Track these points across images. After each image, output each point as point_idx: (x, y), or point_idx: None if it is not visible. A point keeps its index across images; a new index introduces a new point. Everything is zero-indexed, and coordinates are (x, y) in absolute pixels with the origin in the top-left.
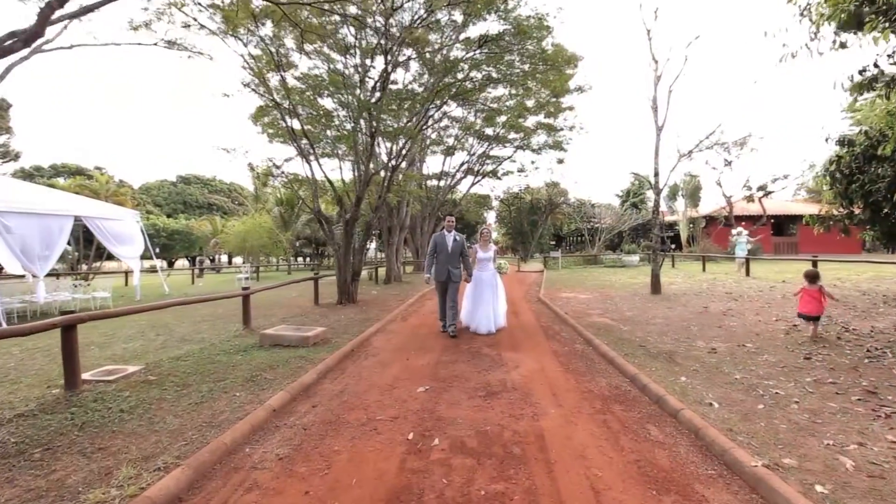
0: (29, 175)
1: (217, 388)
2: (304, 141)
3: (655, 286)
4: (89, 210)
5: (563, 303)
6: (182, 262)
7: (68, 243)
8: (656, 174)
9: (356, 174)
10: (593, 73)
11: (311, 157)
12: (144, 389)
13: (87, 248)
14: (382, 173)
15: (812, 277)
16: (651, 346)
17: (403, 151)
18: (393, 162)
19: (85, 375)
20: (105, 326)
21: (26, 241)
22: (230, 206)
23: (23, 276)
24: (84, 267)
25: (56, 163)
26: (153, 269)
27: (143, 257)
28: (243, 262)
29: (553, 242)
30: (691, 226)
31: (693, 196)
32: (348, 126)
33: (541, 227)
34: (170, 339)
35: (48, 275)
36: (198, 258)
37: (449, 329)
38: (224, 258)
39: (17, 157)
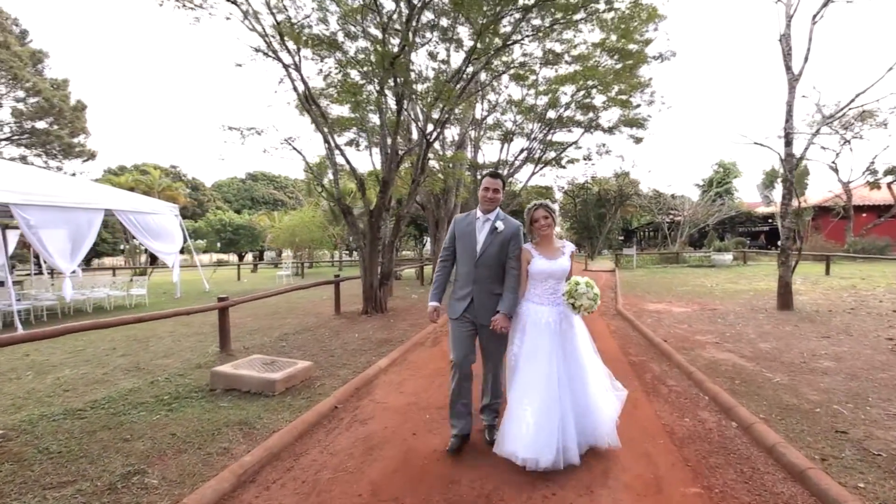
0: (114, 174)
1: None
2: (319, 113)
3: (785, 298)
4: (121, 203)
5: (654, 320)
6: (250, 256)
7: (133, 238)
8: (788, 143)
9: (382, 153)
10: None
11: (325, 127)
12: None
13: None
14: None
15: None
16: (863, 434)
17: (443, 118)
18: (429, 136)
19: None
20: (83, 339)
21: (51, 236)
22: (288, 201)
23: (74, 272)
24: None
25: (138, 162)
26: (220, 263)
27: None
28: (283, 256)
29: (621, 237)
30: (795, 219)
31: (798, 183)
32: (359, 82)
33: (609, 220)
34: (119, 367)
35: (97, 269)
36: (252, 253)
37: (487, 436)
38: (288, 252)
39: (92, 156)
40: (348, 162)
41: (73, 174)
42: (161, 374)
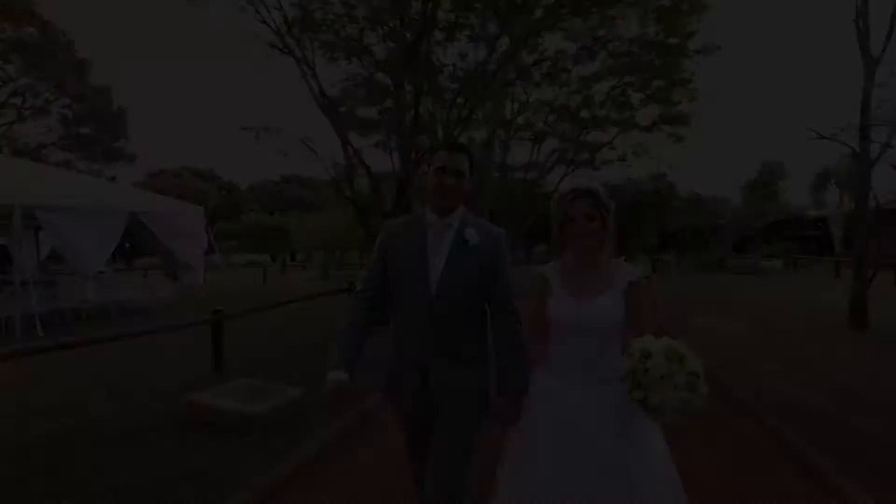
0: (153, 176)
1: None
2: (330, 107)
3: (860, 317)
4: (144, 205)
5: (704, 339)
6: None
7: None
8: (864, 137)
9: (399, 151)
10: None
11: (340, 126)
12: None
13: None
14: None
15: None
16: None
17: (464, 114)
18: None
19: None
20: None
21: (74, 238)
22: (318, 202)
23: (102, 273)
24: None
25: (178, 165)
26: (252, 263)
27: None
28: (315, 257)
29: (657, 242)
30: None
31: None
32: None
33: (645, 224)
34: (105, 385)
35: (137, 269)
36: (281, 255)
37: None
38: (319, 253)
39: (132, 159)
40: (362, 162)
41: (114, 178)
42: (142, 396)
